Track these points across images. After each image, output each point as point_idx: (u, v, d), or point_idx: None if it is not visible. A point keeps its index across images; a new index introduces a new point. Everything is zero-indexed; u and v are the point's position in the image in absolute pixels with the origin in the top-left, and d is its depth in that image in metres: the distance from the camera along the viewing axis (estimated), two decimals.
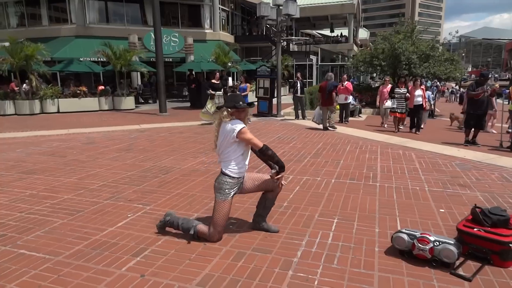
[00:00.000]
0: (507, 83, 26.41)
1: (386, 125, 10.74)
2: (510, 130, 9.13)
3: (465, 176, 5.17)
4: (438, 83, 28.69)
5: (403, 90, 9.78)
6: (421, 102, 9.73)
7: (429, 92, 13.62)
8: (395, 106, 9.81)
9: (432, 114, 14.04)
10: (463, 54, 68.99)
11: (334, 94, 9.87)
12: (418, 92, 9.78)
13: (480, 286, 2.44)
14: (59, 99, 14.79)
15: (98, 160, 6.37)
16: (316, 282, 2.50)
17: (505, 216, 2.83)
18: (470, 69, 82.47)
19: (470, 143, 7.75)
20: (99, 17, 21.40)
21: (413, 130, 9.77)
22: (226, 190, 3.03)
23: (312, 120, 10.39)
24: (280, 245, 3.05)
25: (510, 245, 2.63)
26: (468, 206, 3.86)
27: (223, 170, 3.10)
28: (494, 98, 10.68)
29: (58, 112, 14.71)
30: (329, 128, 9.70)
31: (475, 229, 2.80)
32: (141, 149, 7.30)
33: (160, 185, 4.83)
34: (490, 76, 12.18)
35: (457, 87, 29.31)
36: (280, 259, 2.82)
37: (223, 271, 2.65)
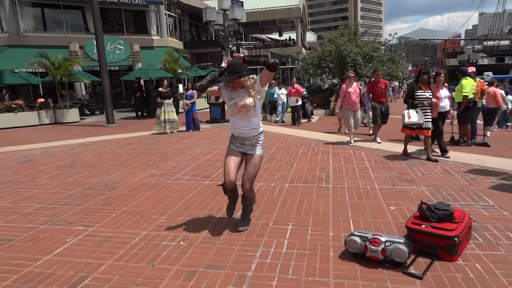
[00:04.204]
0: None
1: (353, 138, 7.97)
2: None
3: (412, 171, 5.37)
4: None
5: (428, 93, 6.10)
6: (447, 108, 6.60)
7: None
8: (422, 121, 5.97)
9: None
10: (403, 54, 73.43)
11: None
12: (444, 92, 6.60)
13: (430, 283, 2.47)
14: None
15: (35, 180, 5.85)
16: None
17: (449, 210, 2.92)
18: (410, 68, 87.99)
19: (414, 138, 8.12)
20: (35, 24, 20.03)
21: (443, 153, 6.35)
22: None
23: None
24: (233, 259, 2.92)
25: (456, 239, 2.70)
26: (416, 201, 3.98)
27: None
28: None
29: None
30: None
31: (423, 226, 2.86)
32: (84, 164, 6.83)
33: (105, 203, 4.50)
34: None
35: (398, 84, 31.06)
36: (234, 274, 2.69)
37: None
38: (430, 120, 6.08)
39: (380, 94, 8.00)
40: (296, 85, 12.04)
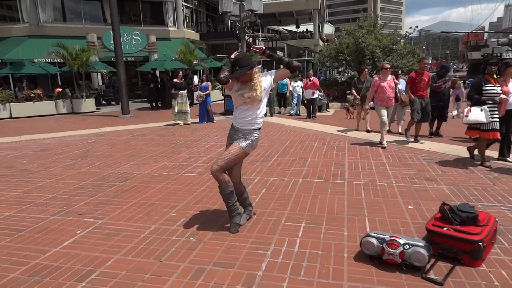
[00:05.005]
0: (465, 74, 27.55)
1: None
2: None
3: (431, 169, 5.15)
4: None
5: (498, 88, 5.14)
6: None
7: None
8: (487, 121, 5.02)
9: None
10: (424, 47, 71.56)
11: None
12: None
13: None
14: (11, 104, 13.83)
15: (50, 169, 5.88)
16: None
17: (473, 213, 2.74)
18: (430, 61, 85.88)
19: (434, 134, 7.85)
20: (55, 15, 20.23)
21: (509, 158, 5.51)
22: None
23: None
24: (243, 257, 2.82)
25: (480, 243, 2.53)
26: (436, 201, 3.80)
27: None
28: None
29: (11, 117, 13.78)
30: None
31: (445, 228, 2.69)
32: (99, 154, 6.85)
33: (116, 194, 4.46)
34: (450, 68, 11.94)
35: None
36: (243, 273, 2.59)
37: None
38: (498, 120, 5.09)
39: (422, 87, 7.17)
40: (312, 77, 11.82)
